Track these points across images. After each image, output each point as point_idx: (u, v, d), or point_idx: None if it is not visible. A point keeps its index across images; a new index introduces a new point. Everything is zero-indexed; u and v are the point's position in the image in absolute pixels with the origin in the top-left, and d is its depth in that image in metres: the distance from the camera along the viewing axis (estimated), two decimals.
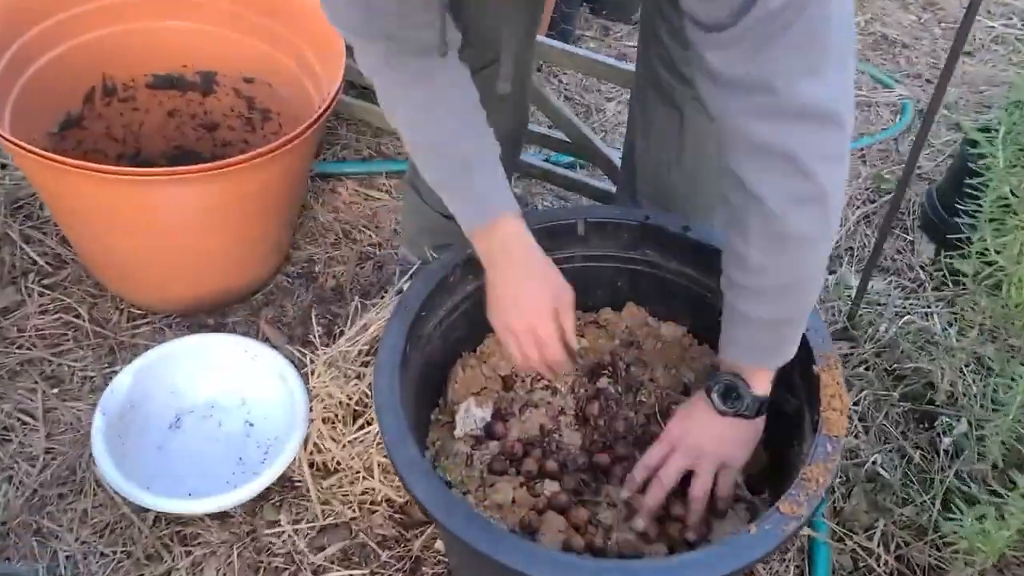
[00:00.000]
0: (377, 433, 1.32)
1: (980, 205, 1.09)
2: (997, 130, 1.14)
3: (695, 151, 1.30)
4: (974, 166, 1.33)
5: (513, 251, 1.07)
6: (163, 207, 1.41)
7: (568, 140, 1.80)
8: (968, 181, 1.12)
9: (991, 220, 0.95)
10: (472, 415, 1.19)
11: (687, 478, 1.03)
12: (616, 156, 1.69)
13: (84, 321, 1.59)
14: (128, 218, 1.43)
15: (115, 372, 1.49)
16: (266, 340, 1.56)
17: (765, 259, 0.89)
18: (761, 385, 1.01)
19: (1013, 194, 0.91)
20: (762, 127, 0.80)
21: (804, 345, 1.06)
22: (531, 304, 1.06)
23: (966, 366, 1.41)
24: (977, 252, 0.98)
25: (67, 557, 1.29)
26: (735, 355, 1.01)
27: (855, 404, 1.46)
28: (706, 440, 1.02)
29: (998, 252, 0.95)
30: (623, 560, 1.01)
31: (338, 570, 1.28)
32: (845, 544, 1.30)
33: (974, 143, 1.64)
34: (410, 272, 1.47)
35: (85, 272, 1.67)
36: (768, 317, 0.95)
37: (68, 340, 1.57)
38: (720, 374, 1.02)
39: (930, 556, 1.27)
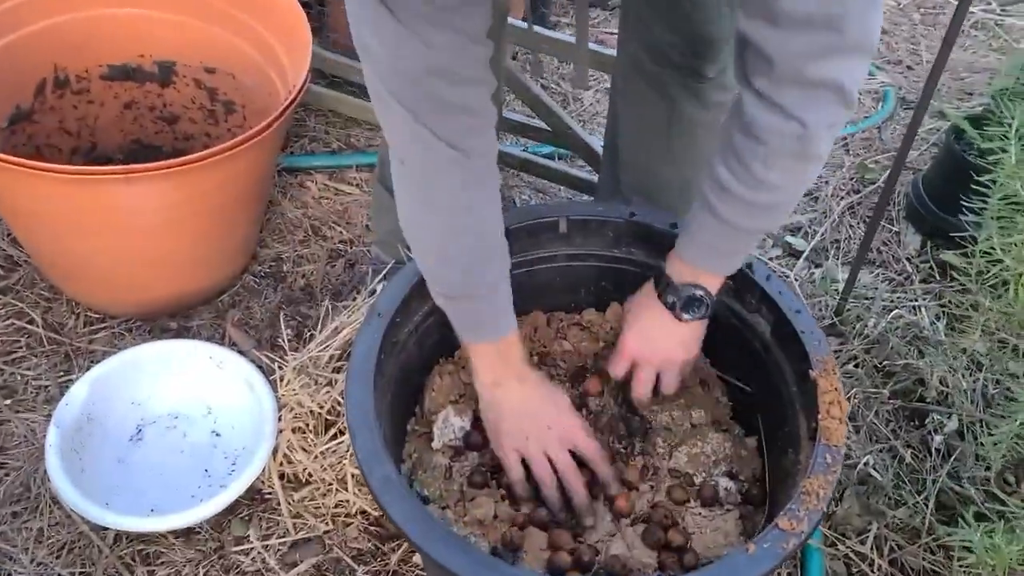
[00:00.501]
0: (351, 443, 1.25)
1: (970, 199, 1.05)
2: (989, 120, 1.10)
3: (685, 141, 1.26)
4: (970, 158, 1.29)
5: (524, 376, 1.05)
6: (121, 206, 1.33)
7: (547, 128, 1.74)
8: (963, 174, 1.07)
9: (999, 218, 0.91)
10: (451, 424, 1.13)
11: None
12: (598, 144, 1.64)
13: (37, 327, 1.51)
14: (83, 218, 1.35)
15: (71, 381, 1.42)
16: (232, 344, 1.49)
17: (782, 177, 0.89)
18: (716, 286, 1.03)
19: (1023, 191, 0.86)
20: (820, 65, 0.79)
21: (799, 348, 1.02)
22: (544, 418, 1.04)
23: (955, 360, 1.38)
24: (982, 251, 0.93)
25: None
26: (701, 261, 1.00)
27: None
28: (669, 349, 1.07)
29: (1004, 251, 0.90)
30: None
31: None
32: (838, 549, 1.26)
33: (961, 132, 1.61)
34: (383, 272, 1.41)
35: (38, 274, 1.58)
36: (752, 228, 0.96)
37: (20, 347, 1.49)
38: (680, 286, 1.02)
39: (924, 560, 1.23)
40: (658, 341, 1.07)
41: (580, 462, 1.05)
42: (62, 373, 1.46)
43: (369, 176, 1.86)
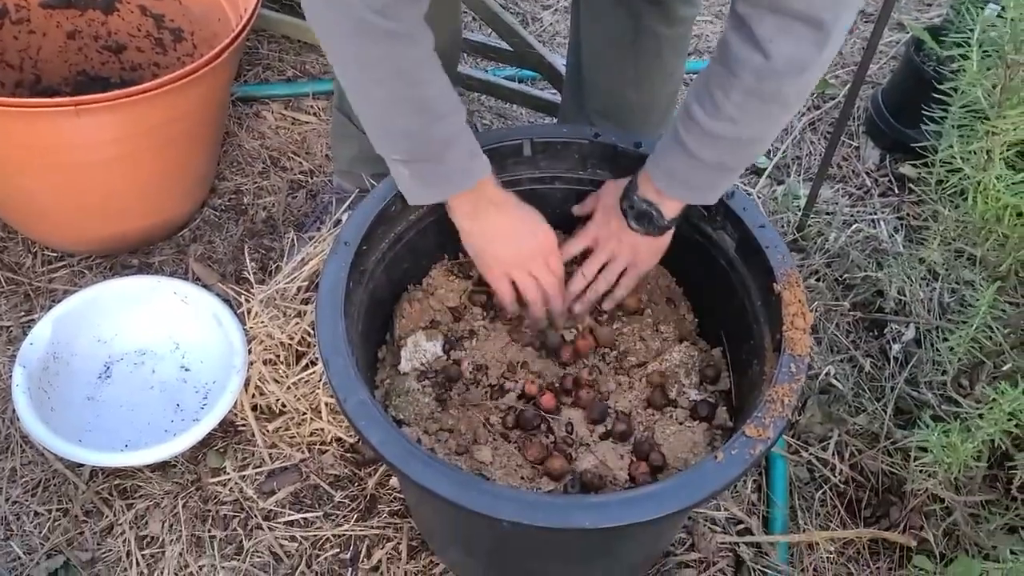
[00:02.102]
0: (323, 373, 1.26)
1: (930, 110, 1.06)
2: (948, 30, 1.10)
3: (650, 59, 1.24)
4: (930, 70, 1.29)
5: (500, 202, 1.05)
6: (70, 141, 1.29)
7: (509, 49, 1.71)
8: (923, 87, 1.08)
9: (960, 126, 0.92)
10: (422, 349, 1.14)
11: None
12: (560, 63, 1.62)
13: None
14: (32, 154, 1.31)
15: (33, 321, 1.40)
16: (197, 280, 1.47)
17: (740, 113, 0.88)
18: (674, 211, 1.04)
19: (984, 99, 0.87)
20: None
21: (763, 262, 1.03)
22: (527, 242, 1.07)
23: (912, 271, 1.41)
24: (942, 160, 0.95)
25: None
26: (663, 185, 1.01)
27: None
28: (619, 247, 1.09)
29: (963, 159, 0.92)
30: (587, 495, 0.98)
31: (290, 514, 1.24)
32: (801, 456, 1.31)
33: (920, 44, 1.62)
34: (348, 201, 1.40)
35: None
36: (714, 161, 0.95)
37: None
38: (637, 199, 1.04)
39: (883, 463, 1.29)
40: (610, 237, 1.09)
41: None
42: (23, 313, 1.43)
43: (326, 104, 1.82)
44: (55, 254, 1.52)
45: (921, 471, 1.05)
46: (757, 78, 0.84)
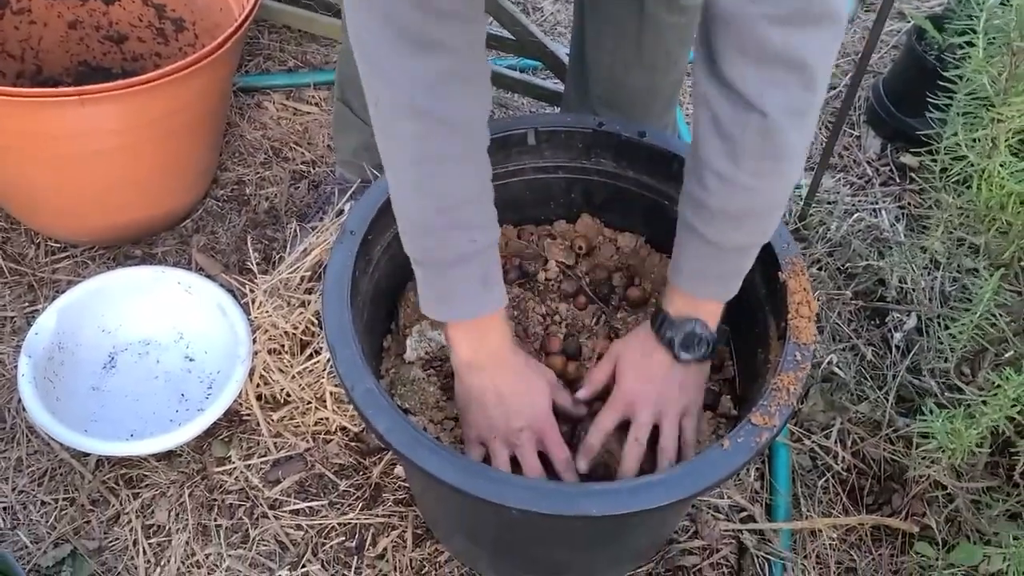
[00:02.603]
0: (327, 362, 1.26)
1: (931, 100, 1.06)
2: (950, 19, 1.10)
3: (656, 49, 1.24)
4: (931, 59, 1.29)
5: (502, 358, 0.95)
6: (74, 131, 1.29)
7: (511, 38, 1.71)
8: (925, 76, 1.08)
9: (965, 114, 0.92)
10: (427, 338, 1.14)
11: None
12: (563, 53, 1.62)
13: None
14: (35, 145, 1.31)
15: (37, 311, 1.40)
16: (200, 270, 1.47)
17: (756, 179, 0.82)
18: (715, 321, 0.95)
19: (990, 86, 0.87)
20: (781, 33, 0.74)
21: (768, 250, 1.03)
22: (518, 415, 0.95)
23: (914, 259, 1.42)
24: (946, 148, 0.95)
25: (4, 508, 1.22)
26: (697, 290, 0.93)
27: None
28: (667, 392, 0.96)
29: (968, 147, 0.92)
30: (595, 483, 0.99)
31: (296, 503, 1.24)
32: (803, 444, 1.32)
33: (922, 33, 1.62)
34: (349, 192, 1.40)
35: None
36: (741, 243, 0.89)
37: None
38: (677, 321, 0.94)
39: (884, 451, 1.29)
40: (653, 385, 0.96)
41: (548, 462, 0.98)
42: (27, 304, 1.44)
43: (328, 95, 1.82)
44: (58, 245, 1.52)
45: (923, 458, 1.06)
46: (762, 137, 0.79)
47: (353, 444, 1.30)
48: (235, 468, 1.27)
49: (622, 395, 0.98)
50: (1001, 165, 0.95)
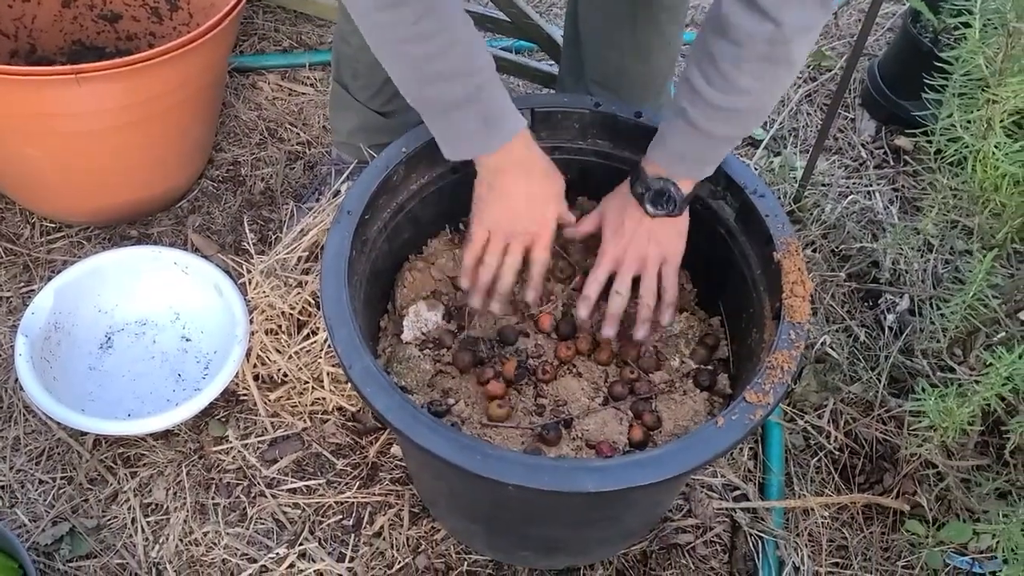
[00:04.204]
0: (324, 342, 1.27)
1: (926, 82, 1.06)
2: (945, 2, 1.10)
3: (649, 29, 1.24)
4: (927, 41, 1.29)
5: (528, 167, 1.02)
6: (66, 110, 1.28)
7: (506, 20, 1.70)
8: (920, 58, 1.08)
9: (960, 95, 0.93)
10: (423, 318, 1.15)
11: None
12: (558, 34, 1.61)
13: None
14: (28, 124, 1.30)
15: (33, 291, 1.40)
16: (196, 251, 1.47)
17: (755, 81, 0.89)
18: (687, 187, 1.02)
19: (986, 67, 0.88)
20: None
21: (763, 231, 1.04)
22: (525, 216, 1.03)
23: (907, 242, 1.42)
24: (942, 129, 0.96)
25: (2, 487, 1.23)
26: (673, 166, 1.00)
27: None
28: (644, 244, 1.04)
29: (963, 128, 0.93)
30: (591, 459, 1.00)
31: (293, 482, 1.25)
32: (796, 424, 1.33)
33: (917, 15, 1.62)
34: (347, 172, 1.40)
35: None
36: (725, 134, 0.97)
37: None
38: (649, 179, 1.01)
39: (876, 431, 1.31)
40: (630, 240, 1.05)
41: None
42: (22, 284, 1.44)
43: (323, 76, 1.81)
44: (53, 225, 1.52)
45: (915, 436, 1.07)
46: (770, 45, 0.85)
47: (350, 424, 1.31)
48: (232, 447, 1.28)
49: (604, 252, 1.06)
50: (996, 146, 0.96)
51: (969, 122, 0.93)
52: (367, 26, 0.91)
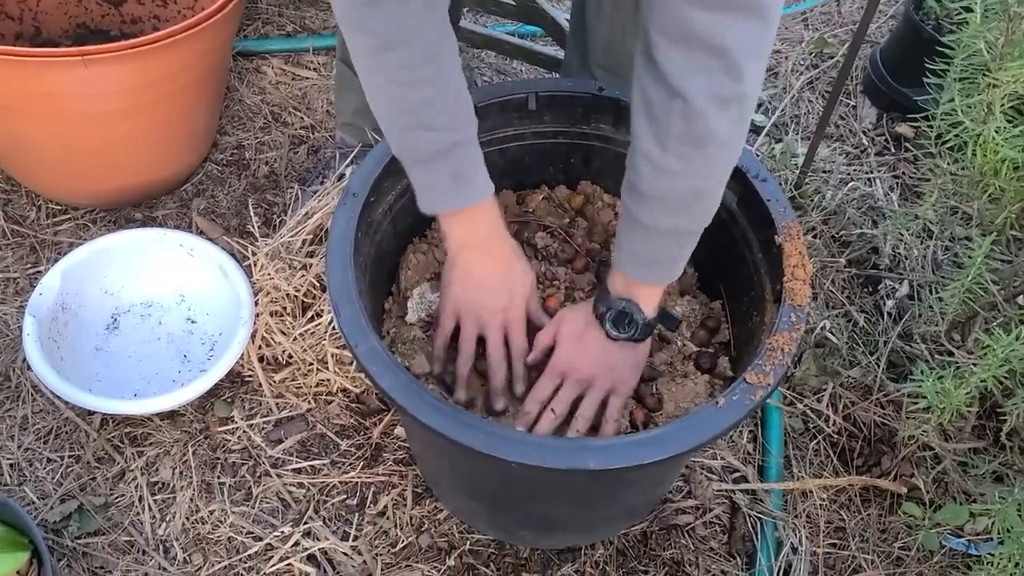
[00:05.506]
0: (329, 324, 1.28)
1: (927, 71, 1.07)
2: None
3: None
4: (929, 28, 1.30)
5: (492, 246, 0.99)
6: (71, 93, 1.29)
7: (511, 3, 1.71)
8: (922, 46, 1.09)
9: (961, 79, 0.93)
10: (427, 300, 1.16)
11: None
12: (563, 18, 1.62)
13: None
14: (34, 106, 1.31)
15: (40, 272, 1.41)
16: (201, 233, 1.48)
17: (682, 162, 0.84)
18: (651, 305, 0.97)
19: (987, 52, 0.89)
20: (703, 17, 0.75)
21: (765, 215, 1.05)
22: (495, 296, 0.99)
23: (907, 228, 1.43)
24: (943, 114, 0.96)
25: (11, 465, 1.24)
26: (632, 271, 0.95)
27: None
28: (596, 368, 0.99)
29: (964, 112, 0.93)
30: (592, 438, 1.01)
31: (297, 462, 1.27)
32: (796, 407, 1.35)
33: (920, 2, 1.62)
34: (351, 156, 1.40)
35: None
36: (673, 227, 0.91)
37: None
38: (612, 299, 0.97)
39: (875, 414, 1.32)
40: (584, 357, 0.99)
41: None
42: (29, 265, 1.45)
43: (326, 60, 1.82)
44: (59, 207, 1.53)
45: (913, 419, 1.08)
46: (685, 122, 0.81)
47: (354, 405, 1.32)
48: (238, 428, 1.29)
49: (555, 363, 1.01)
50: (996, 131, 0.97)
51: (970, 107, 0.94)
52: (363, 68, 0.88)
